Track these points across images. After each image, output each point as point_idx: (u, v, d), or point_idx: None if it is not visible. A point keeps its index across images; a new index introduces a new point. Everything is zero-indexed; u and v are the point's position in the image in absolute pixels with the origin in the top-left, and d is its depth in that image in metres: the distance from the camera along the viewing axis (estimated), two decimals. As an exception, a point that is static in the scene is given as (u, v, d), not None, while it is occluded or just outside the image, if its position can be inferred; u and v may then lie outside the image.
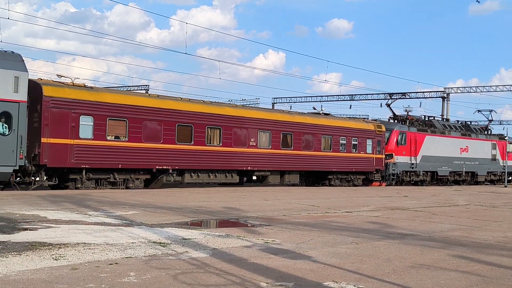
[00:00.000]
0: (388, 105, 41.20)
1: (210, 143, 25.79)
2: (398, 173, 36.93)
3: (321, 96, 71.23)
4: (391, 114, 40.54)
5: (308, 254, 8.06)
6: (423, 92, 62.29)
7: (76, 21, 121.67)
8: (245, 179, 28.62)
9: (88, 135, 21.61)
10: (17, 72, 19.56)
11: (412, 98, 62.55)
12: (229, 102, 46.99)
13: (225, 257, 7.55)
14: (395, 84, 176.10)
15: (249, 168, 27.70)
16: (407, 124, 38.91)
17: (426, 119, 42.54)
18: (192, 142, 25.02)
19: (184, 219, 12.01)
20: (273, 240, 9.27)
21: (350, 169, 33.79)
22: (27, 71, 20.01)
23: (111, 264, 6.81)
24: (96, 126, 21.78)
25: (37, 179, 20.74)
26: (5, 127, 19.41)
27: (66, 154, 20.92)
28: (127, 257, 7.25)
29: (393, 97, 41.48)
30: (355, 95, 67.34)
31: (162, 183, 24.66)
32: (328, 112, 38.35)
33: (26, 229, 9.48)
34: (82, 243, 8.22)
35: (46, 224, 10.17)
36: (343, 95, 68.25)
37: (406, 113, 40.65)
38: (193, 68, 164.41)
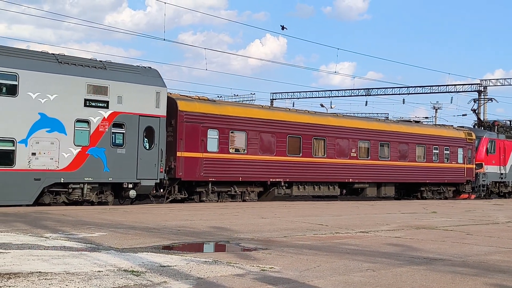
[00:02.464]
0: (474, 111, 45.83)
1: (315, 155, 30.38)
2: (488, 184, 41.36)
3: (330, 90, 71.32)
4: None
5: (314, 284, 8.05)
6: (455, 85, 62.53)
7: (32, 1, 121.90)
8: (344, 191, 32.81)
9: (214, 149, 26.23)
10: (158, 88, 24.15)
11: (442, 92, 62.82)
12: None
13: (213, 289, 7.54)
14: (419, 76, 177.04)
15: (350, 180, 32.25)
16: (495, 130, 42.62)
17: None
18: (301, 154, 29.67)
19: (162, 242, 12.03)
20: (271, 267, 9.27)
21: (442, 181, 38.31)
22: (166, 86, 24.58)
23: (73, 297, 6.79)
24: (220, 139, 26.41)
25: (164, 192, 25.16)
26: (147, 141, 23.82)
27: (197, 167, 25.42)
28: (92, 289, 7.23)
29: (477, 101, 47.53)
30: (372, 89, 67.46)
31: (273, 195, 29.24)
32: (418, 120, 42.86)
33: (-34, 255, 9.47)
34: (37, 272, 8.16)
35: (-7, 249, 10.19)
36: (357, 89, 68.37)
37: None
38: (174, 57, 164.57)
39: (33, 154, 20.92)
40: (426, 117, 79.99)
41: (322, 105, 68.99)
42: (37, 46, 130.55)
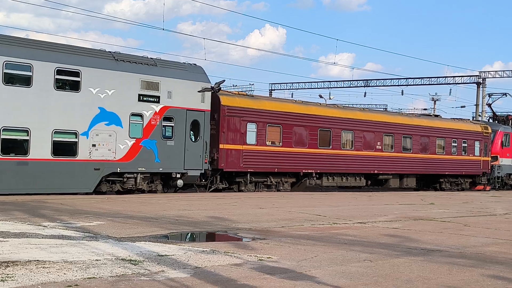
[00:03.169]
0: (489, 105, 47.91)
1: (344, 147, 31.57)
2: (503, 176, 42.40)
3: (329, 81, 70.77)
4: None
5: (311, 274, 8.01)
6: (454, 76, 62.25)
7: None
8: (369, 182, 33.90)
9: (252, 141, 27.29)
10: (204, 84, 25.21)
11: (441, 84, 62.75)
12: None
13: (210, 278, 7.49)
14: (418, 68, 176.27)
15: (375, 171, 33.53)
16: (510, 124, 43.98)
17: None
18: (330, 147, 30.86)
19: (160, 232, 11.86)
20: (269, 257, 9.21)
21: (460, 172, 39.32)
22: (210, 82, 25.53)
23: (70, 286, 6.71)
24: (258, 133, 27.50)
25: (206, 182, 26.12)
26: (193, 134, 24.82)
27: (237, 159, 26.61)
28: (90, 278, 7.17)
29: (492, 96, 48.80)
30: (371, 80, 67.17)
31: (305, 186, 30.13)
32: (438, 114, 44.75)
33: (-35, 243, 9.41)
34: (34, 260, 8.11)
35: (-9, 238, 10.05)
36: (356, 80, 68.02)
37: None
38: (173, 47, 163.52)
39: (93, 145, 21.91)
40: (425, 109, 79.87)
41: (320, 96, 68.67)
42: (35, 36, 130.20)
